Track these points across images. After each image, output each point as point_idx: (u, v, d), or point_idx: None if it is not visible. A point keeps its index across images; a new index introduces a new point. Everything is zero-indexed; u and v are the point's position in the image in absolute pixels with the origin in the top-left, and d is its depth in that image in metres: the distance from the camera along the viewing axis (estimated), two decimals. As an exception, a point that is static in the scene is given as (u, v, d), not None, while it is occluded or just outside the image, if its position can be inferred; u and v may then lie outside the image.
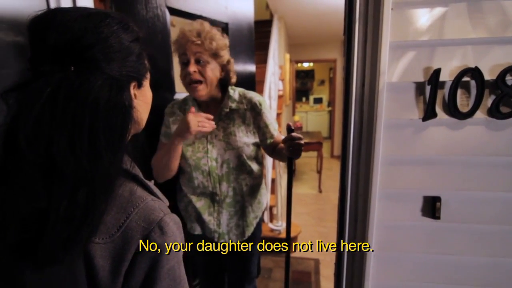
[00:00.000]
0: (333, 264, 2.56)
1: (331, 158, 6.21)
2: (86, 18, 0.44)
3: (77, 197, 0.41)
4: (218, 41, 1.05)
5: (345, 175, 0.90)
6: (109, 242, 0.44)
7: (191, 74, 1.02)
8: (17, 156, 0.40)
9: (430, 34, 0.79)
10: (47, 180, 0.40)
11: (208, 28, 1.05)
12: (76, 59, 0.42)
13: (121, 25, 0.47)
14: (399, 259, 0.92)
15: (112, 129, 0.44)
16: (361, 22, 0.81)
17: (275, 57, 3.38)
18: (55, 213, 0.40)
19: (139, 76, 0.51)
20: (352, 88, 0.84)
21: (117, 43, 0.45)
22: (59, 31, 0.41)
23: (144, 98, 0.55)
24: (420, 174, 0.86)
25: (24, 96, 0.41)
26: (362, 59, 0.82)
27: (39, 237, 0.40)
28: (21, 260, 0.44)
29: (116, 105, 0.45)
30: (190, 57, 1.03)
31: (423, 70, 0.81)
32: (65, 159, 0.40)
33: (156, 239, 0.46)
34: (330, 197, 4.02)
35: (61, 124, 0.40)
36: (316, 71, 8.30)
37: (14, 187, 0.41)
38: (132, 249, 0.45)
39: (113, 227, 0.45)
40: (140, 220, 0.46)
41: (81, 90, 0.41)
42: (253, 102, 1.13)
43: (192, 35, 1.02)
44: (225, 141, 1.10)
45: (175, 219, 0.50)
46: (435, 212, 0.86)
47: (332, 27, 4.56)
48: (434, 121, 0.82)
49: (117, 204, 0.46)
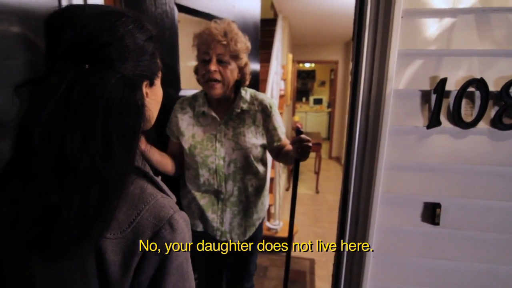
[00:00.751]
0: (328, 264, 2.59)
1: (329, 159, 6.24)
2: (102, 17, 0.44)
3: (89, 194, 0.41)
4: (241, 44, 1.05)
5: (348, 177, 0.92)
6: (121, 238, 0.45)
7: (211, 72, 1.02)
8: (30, 151, 0.40)
9: (438, 44, 0.81)
10: (59, 177, 0.40)
11: (235, 29, 1.05)
12: (91, 57, 0.43)
13: (136, 24, 0.47)
14: (398, 262, 0.94)
15: (125, 127, 0.44)
16: (371, 29, 0.82)
17: (278, 56, 3.38)
18: (68, 209, 0.40)
19: (152, 75, 0.52)
20: (359, 93, 0.85)
21: (131, 42, 0.46)
22: (75, 29, 0.42)
23: (156, 96, 0.56)
24: (422, 180, 0.88)
25: (38, 92, 0.41)
26: (370, 65, 0.83)
27: (50, 232, 0.41)
28: (32, 254, 0.44)
29: (129, 104, 0.45)
30: (213, 56, 1.03)
31: (429, 78, 0.82)
32: (78, 156, 0.40)
33: (166, 236, 0.46)
34: (327, 198, 4.05)
35: (75, 121, 0.40)
36: (317, 72, 8.31)
37: (27, 182, 0.41)
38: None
39: (124, 223, 0.45)
40: (150, 217, 0.46)
41: (95, 88, 0.41)
42: (263, 104, 1.14)
43: (219, 34, 1.01)
44: (234, 140, 1.11)
45: (184, 216, 0.51)
46: (434, 218, 0.88)
47: (335, 29, 4.57)
48: (438, 129, 0.83)
49: (128, 200, 0.47)
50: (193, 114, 1.15)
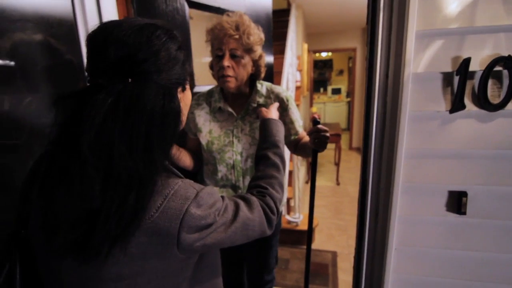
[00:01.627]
0: (351, 257, 2.55)
1: (349, 150, 6.11)
2: (139, 33, 0.47)
3: (128, 199, 0.44)
4: (254, 36, 1.03)
5: (366, 167, 0.89)
6: (149, 223, 0.47)
7: (224, 68, 1.02)
8: (77, 158, 0.43)
9: (459, 22, 0.75)
10: (103, 182, 0.43)
11: (247, 21, 1.03)
12: (132, 72, 0.46)
13: (169, 35, 0.51)
14: (421, 254, 0.90)
15: (165, 133, 0.48)
16: (386, 10, 0.78)
17: (293, 47, 3.32)
18: (107, 213, 0.43)
19: (183, 81, 0.55)
20: (375, 79, 0.81)
21: (166, 55, 0.49)
22: (116, 46, 0.45)
23: (186, 100, 0.59)
24: (446, 168, 0.83)
25: (84, 105, 0.44)
26: (386, 49, 0.79)
27: (88, 235, 0.43)
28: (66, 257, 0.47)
29: (170, 112, 0.49)
30: (226, 51, 1.02)
31: (451, 59, 0.77)
32: (123, 163, 0.43)
33: (195, 212, 0.49)
34: (348, 190, 3.97)
35: (122, 131, 0.44)
36: (335, 61, 8.11)
37: (72, 187, 0.44)
38: (174, 225, 0.47)
39: (151, 209, 0.47)
40: (177, 199, 0.49)
41: (139, 100, 0.45)
42: (280, 97, 1.13)
43: (231, 28, 0.99)
44: (251, 135, 1.10)
45: (208, 190, 0.54)
46: (460, 207, 0.84)
47: (352, 15, 4.41)
48: (462, 113, 0.79)
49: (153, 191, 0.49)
50: (209, 110, 1.15)
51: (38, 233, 0.51)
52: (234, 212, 0.57)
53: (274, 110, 0.97)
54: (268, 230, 0.64)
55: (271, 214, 0.65)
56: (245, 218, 0.58)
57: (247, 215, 0.59)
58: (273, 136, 0.85)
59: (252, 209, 0.61)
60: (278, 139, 0.85)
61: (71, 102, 0.46)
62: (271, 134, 0.85)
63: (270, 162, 0.77)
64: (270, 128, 0.87)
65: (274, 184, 0.72)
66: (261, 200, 0.65)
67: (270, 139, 0.84)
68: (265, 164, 0.77)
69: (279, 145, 0.83)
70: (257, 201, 0.63)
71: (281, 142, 0.85)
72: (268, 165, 0.77)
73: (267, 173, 0.75)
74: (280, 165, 0.79)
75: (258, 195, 0.67)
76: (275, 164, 0.78)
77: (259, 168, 0.78)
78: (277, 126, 0.89)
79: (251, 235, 0.60)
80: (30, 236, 0.53)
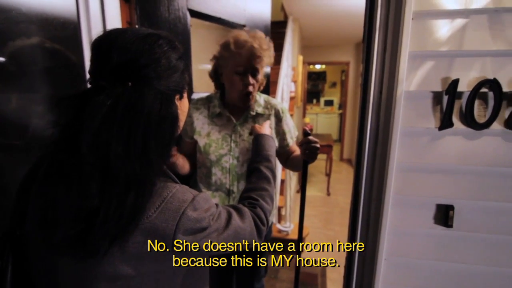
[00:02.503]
0: (340, 267, 2.56)
1: (340, 161, 6.18)
2: (142, 40, 0.49)
3: (126, 198, 0.45)
4: (272, 57, 1.09)
5: (359, 179, 0.92)
6: (147, 223, 0.48)
7: (250, 86, 1.06)
8: (76, 158, 0.44)
9: (449, 45, 0.80)
10: (102, 181, 0.45)
11: (267, 41, 1.08)
12: (133, 76, 0.48)
13: (170, 44, 0.53)
14: (410, 265, 0.93)
15: (162, 137, 0.50)
16: (381, 31, 0.82)
17: (288, 58, 3.39)
18: (106, 212, 0.44)
19: (182, 89, 0.57)
20: (369, 95, 0.85)
21: (166, 62, 0.51)
22: (119, 51, 0.47)
23: (183, 107, 0.61)
24: (434, 182, 0.87)
25: (85, 106, 0.46)
26: (380, 67, 0.84)
27: (86, 233, 0.44)
28: (63, 254, 0.47)
29: (167, 116, 0.50)
30: (250, 70, 1.05)
31: (441, 80, 0.82)
32: (120, 163, 0.45)
33: (192, 215, 0.51)
34: (339, 201, 4.01)
35: (119, 132, 0.45)
36: (328, 73, 8.27)
37: (71, 185, 0.45)
38: (171, 226, 0.49)
39: (149, 210, 0.49)
40: (174, 201, 0.50)
41: (137, 103, 0.47)
42: (276, 109, 1.19)
43: (259, 50, 1.03)
44: (249, 141, 1.13)
45: (204, 196, 0.56)
46: (447, 221, 0.87)
47: (346, 30, 4.54)
48: (450, 130, 0.83)
49: (152, 192, 0.50)
50: (207, 114, 1.17)
51: (35, 231, 0.51)
52: (226, 220, 0.59)
53: (266, 126, 1.02)
54: (258, 239, 0.66)
55: (261, 225, 0.67)
56: (237, 226, 0.60)
57: (238, 224, 0.61)
58: (266, 151, 0.89)
59: (244, 218, 0.63)
60: (270, 153, 0.89)
61: (73, 103, 0.48)
62: (263, 148, 0.90)
63: (262, 175, 0.81)
64: (263, 143, 0.91)
65: (265, 196, 0.75)
66: (252, 211, 0.67)
67: (263, 153, 0.88)
68: (257, 177, 0.81)
69: (270, 160, 0.88)
70: (248, 212, 0.66)
71: (272, 157, 0.90)
72: (260, 178, 0.80)
73: (258, 185, 0.78)
74: (271, 178, 0.82)
75: (249, 206, 0.70)
76: (267, 177, 0.81)
77: (251, 180, 0.81)
78: (269, 142, 0.93)
79: (242, 244, 0.62)
80: (27, 234, 0.53)
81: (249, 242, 0.63)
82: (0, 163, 0.76)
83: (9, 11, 0.74)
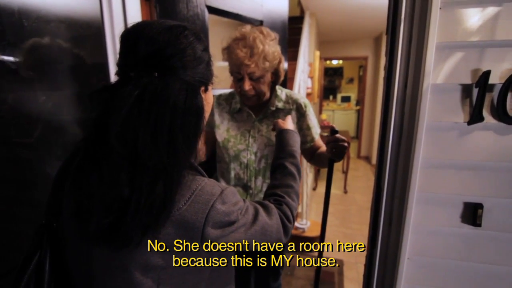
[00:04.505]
0: (358, 266, 2.53)
1: (357, 158, 6.07)
2: (168, 31, 0.50)
3: (155, 188, 0.46)
4: (269, 56, 1.02)
5: (381, 175, 0.89)
6: (177, 215, 0.49)
7: (246, 90, 1.03)
8: (107, 148, 0.46)
9: (480, 35, 0.76)
10: (131, 171, 0.45)
11: (260, 43, 1.00)
12: (160, 67, 0.48)
13: (196, 36, 0.53)
14: (435, 265, 0.90)
15: (188, 127, 0.50)
16: (407, 22, 0.79)
17: (305, 54, 3.35)
18: (136, 201, 0.45)
19: (207, 81, 0.57)
20: (393, 89, 0.82)
21: (192, 53, 0.51)
22: (146, 42, 0.48)
23: (209, 99, 0.61)
24: (462, 179, 0.83)
25: (114, 97, 0.47)
26: (405, 59, 0.81)
27: (119, 223, 0.45)
28: (98, 244, 0.49)
29: (192, 107, 0.50)
30: (244, 75, 1.02)
31: (471, 72, 0.78)
32: (148, 153, 0.45)
33: (220, 208, 0.51)
34: (356, 199, 3.94)
35: (146, 122, 0.46)
36: (345, 69, 8.11)
37: (103, 175, 0.46)
38: (200, 218, 0.49)
39: (180, 202, 0.49)
40: (203, 194, 0.51)
41: (163, 93, 0.47)
42: (298, 103, 1.15)
43: (246, 57, 0.99)
44: (267, 137, 1.12)
45: (231, 189, 0.56)
46: (476, 219, 0.83)
47: (364, 24, 4.43)
48: (480, 125, 0.79)
49: (181, 185, 0.51)
50: (228, 110, 1.18)
51: (71, 222, 0.53)
52: (253, 216, 0.59)
53: (289, 121, 0.98)
54: (284, 237, 0.65)
55: (288, 222, 0.66)
56: (264, 223, 0.59)
57: (266, 220, 0.60)
58: (290, 146, 0.85)
59: (271, 215, 0.62)
60: (295, 149, 0.86)
61: (103, 96, 0.49)
62: (288, 144, 0.86)
63: (287, 171, 0.78)
64: (287, 138, 0.88)
65: (291, 193, 0.73)
66: (278, 209, 0.66)
67: (287, 148, 0.85)
68: (282, 173, 0.78)
69: (295, 155, 0.84)
70: (275, 209, 0.65)
71: (297, 153, 0.86)
72: (285, 174, 0.78)
73: (284, 182, 0.76)
74: (297, 174, 0.80)
75: (275, 203, 0.68)
76: (292, 173, 0.78)
77: (276, 177, 0.79)
78: (294, 137, 0.90)
79: (268, 240, 0.61)
80: (63, 225, 0.55)
81: (275, 239, 0.62)
82: (31, 158, 0.79)
83: (39, 10, 0.77)
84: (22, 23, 0.72)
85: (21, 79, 0.76)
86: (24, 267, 0.52)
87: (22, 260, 0.53)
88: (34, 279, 0.52)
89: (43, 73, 0.82)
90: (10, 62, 0.71)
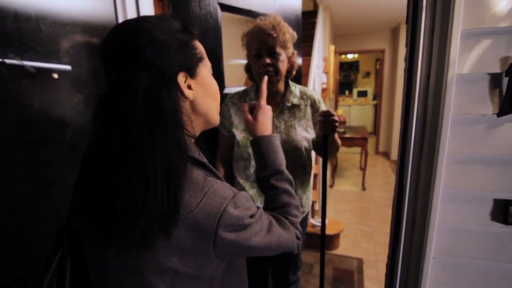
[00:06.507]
0: (378, 264, 2.46)
1: (375, 154, 5.93)
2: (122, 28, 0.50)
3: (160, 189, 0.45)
4: (289, 34, 1.09)
5: (403, 172, 0.85)
6: (190, 217, 0.47)
7: (265, 66, 1.07)
8: (107, 150, 0.47)
9: (510, 20, 0.71)
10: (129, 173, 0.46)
11: (282, 21, 1.09)
12: (119, 66, 0.48)
13: (154, 23, 0.50)
14: (462, 265, 0.85)
15: (164, 118, 0.47)
16: (429, 9, 0.75)
17: (319, 49, 3.28)
18: (143, 203, 0.45)
19: (185, 65, 0.52)
20: (415, 80, 0.79)
21: (146, 41, 0.48)
22: (107, 47, 0.50)
23: (204, 86, 0.56)
24: (492, 174, 0.78)
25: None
26: (428, 49, 0.76)
27: (132, 224, 0.45)
28: (109, 246, 0.49)
29: (161, 96, 0.48)
30: (264, 50, 1.07)
31: (500, 60, 0.73)
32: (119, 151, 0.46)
33: (233, 212, 0.50)
34: (375, 195, 3.85)
35: (118, 122, 0.46)
36: (361, 63, 7.92)
37: (110, 177, 0.46)
38: (212, 222, 0.48)
39: (191, 205, 0.48)
40: (215, 197, 0.49)
41: (128, 89, 0.46)
42: (312, 99, 1.18)
43: (269, 28, 1.05)
44: (285, 133, 1.13)
45: (244, 194, 0.55)
46: (507, 217, 0.78)
47: (381, 15, 4.30)
48: (511, 116, 0.74)
49: (193, 186, 0.49)
50: None
51: (86, 222, 0.53)
52: (268, 225, 0.57)
53: (261, 118, 0.78)
54: (296, 250, 0.65)
55: (298, 240, 0.65)
56: (279, 234, 0.58)
57: (281, 232, 0.59)
58: (271, 161, 0.72)
59: (286, 228, 0.61)
60: (279, 162, 0.73)
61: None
62: (268, 158, 0.73)
63: (278, 191, 0.70)
64: (266, 151, 0.73)
65: (291, 210, 0.68)
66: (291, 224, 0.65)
67: (269, 165, 0.72)
68: (274, 194, 0.70)
69: (281, 170, 0.72)
70: (289, 223, 0.63)
71: (283, 165, 0.74)
72: (277, 194, 0.70)
73: (279, 202, 0.69)
74: (290, 188, 0.72)
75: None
76: (284, 190, 0.70)
77: (271, 199, 0.71)
78: (272, 146, 0.74)
79: (280, 251, 0.60)
80: (81, 226, 0.55)
81: (286, 250, 0.62)
82: (53, 158, 0.81)
83: (55, 15, 0.78)
84: (40, 28, 0.73)
85: (42, 82, 0.78)
86: (46, 266, 0.53)
87: (45, 259, 0.54)
88: (57, 279, 0.53)
89: (62, 76, 0.83)
90: (29, 66, 0.72)
